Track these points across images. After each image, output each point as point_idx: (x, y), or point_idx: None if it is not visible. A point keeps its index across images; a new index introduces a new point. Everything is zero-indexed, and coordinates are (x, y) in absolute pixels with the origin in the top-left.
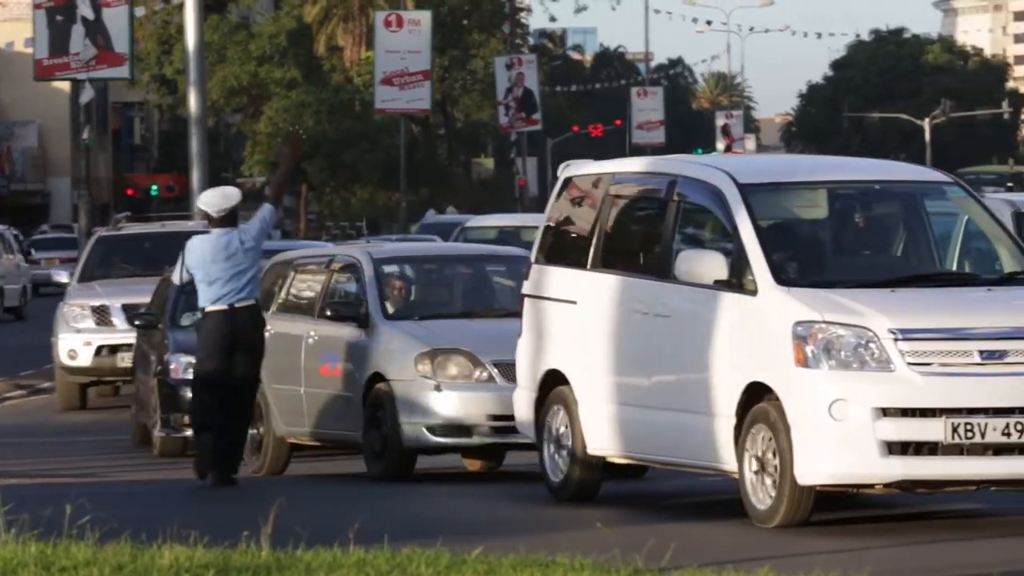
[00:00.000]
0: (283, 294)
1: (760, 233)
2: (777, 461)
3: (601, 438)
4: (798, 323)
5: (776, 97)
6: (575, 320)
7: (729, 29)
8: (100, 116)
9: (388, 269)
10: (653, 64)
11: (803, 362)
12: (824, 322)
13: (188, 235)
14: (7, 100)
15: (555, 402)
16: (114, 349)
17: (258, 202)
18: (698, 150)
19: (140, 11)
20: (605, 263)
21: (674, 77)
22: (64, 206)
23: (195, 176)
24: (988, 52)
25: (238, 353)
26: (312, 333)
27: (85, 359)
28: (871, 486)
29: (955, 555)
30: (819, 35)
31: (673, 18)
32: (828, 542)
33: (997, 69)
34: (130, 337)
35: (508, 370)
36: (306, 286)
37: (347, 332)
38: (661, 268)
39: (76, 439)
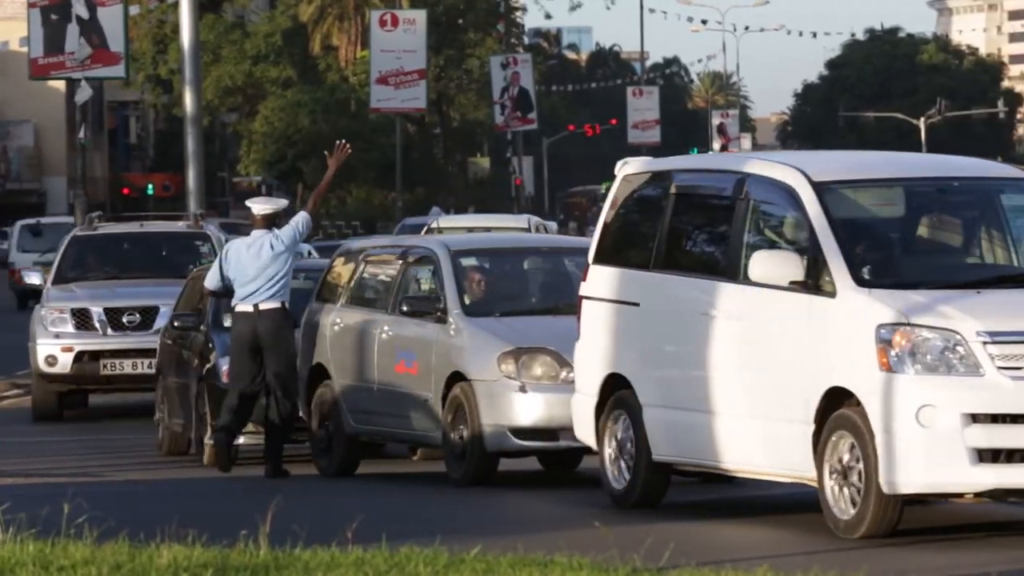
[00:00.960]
0: (352, 287)
1: (837, 232)
2: (861, 469)
3: (667, 444)
4: (881, 326)
5: (772, 96)
6: (637, 322)
7: (724, 28)
8: (95, 115)
9: (466, 262)
10: (648, 63)
11: (887, 366)
12: (909, 325)
13: (169, 235)
14: (2, 99)
15: (617, 407)
16: (96, 356)
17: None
18: (693, 150)
19: (135, 9)
20: (669, 263)
21: (669, 76)
22: (60, 205)
23: (191, 175)
24: (983, 51)
25: (264, 352)
26: (386, 328)
27: (64, 366)
28: (961, 495)
29: (955, 555)
30: (814, 34)
31: (668, 17)
32: (826, 542)
33: (992, 68)
34: (114, 343)
35: None
36: (377, 279)
37: (424, 328)
38: (730, 268)
39: (76, 439)
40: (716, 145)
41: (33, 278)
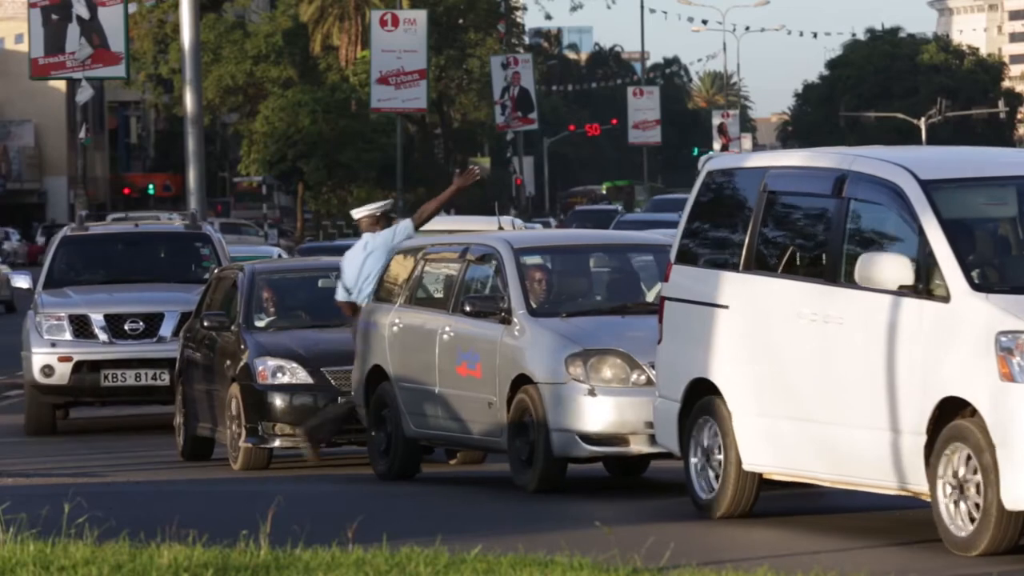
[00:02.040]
0: (412, 285)
1: (949, 233)
2: (979, 483)
3: (759, 453)
4: (1002, 333)
5: (772, 96)
6: (727, 326)
7: (725, 28)
8: (96, 115)
9: (530, 260)
10: (649, 63)
11: (1009, 376)
12: None
13: (166, 236)
14: (3, 99)
15: (703, 413)
16: (96, 366)
17: (255, 201)
18: (694, 150)
19: (134, 7)
20: (761, 265)
21: (670, 76)
22: (61, 205)
23: (191, 175)
24: (984, 51)
25: None
26: (447, 329)
27: (61, 377)
28: None
29: (955, 555)
30: (815, 34)
31: (669, 17)
32: (827, 542)
33: (993, 68)
34: (116, 352)
35: None
36: (438, 277)
37: (487, 329)
38: (829, 271)
39: (75, 438)
40: (717, 145)
41: (20, 281)
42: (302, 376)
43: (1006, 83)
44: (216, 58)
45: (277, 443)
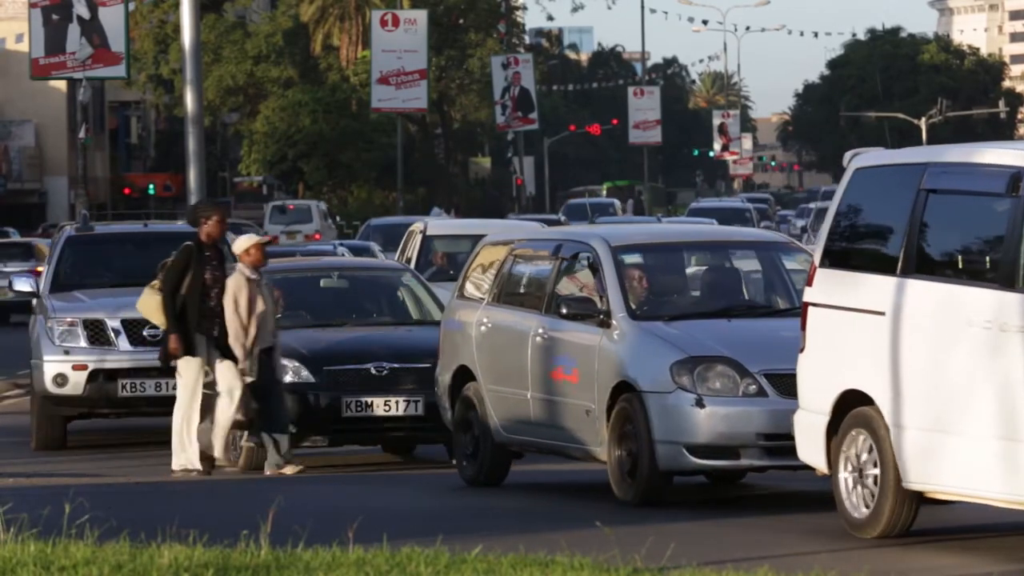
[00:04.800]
0: (499, 284)
1: None
2: None
3: (923, 470)
4: None
5: (773, 96)
6: (884, 334)
7: (725, 28)
8: (96, 115)
9: (629, 259)
10: (649, 63)
11: None
12: None
13: (177, 237)
14: (3, 99)
15: (855, 426)
16: (112, 375)
17: (256, 201)
18: (695, 151)
19: (135, 7)
20: (922, 268)
21: (670, 76)
22: (61, 206)
23: (192, 175)
24: (984, 51)
25: None
26: (541, 331)
27: (76, 386)
28: None
29: (955, 555)
30: (815, 34)
31: (669, 17)
32: (827, 542)
33: (993, 68)
34: (135, 360)
35: (780, 382)
36: (529, 276)
37: (584, 332)
38: (1005, 275)
39: (74, 438)
40: (717, 145)
41: (22, 284)
42: (305, 375)
43: (1007, 83)
44: (217, 58)
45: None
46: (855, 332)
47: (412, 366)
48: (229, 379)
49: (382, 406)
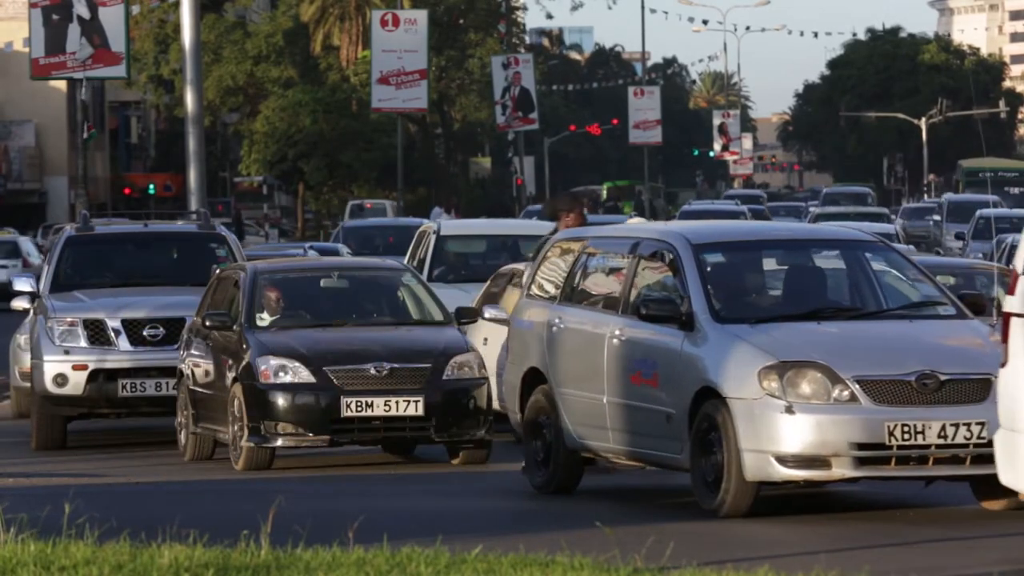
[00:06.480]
0: (573, 282)
1: None
2: None
3: None
4: None
5: (773, 96)
6: None
7: (725, 28)
8: (97, 115)
9: (711, 258)
10: (650, 63)
11: None
12: None
13: (179, 237)
14: (4, 99)
15: None
16: (113, 375)
17: (256, 201)
18: (695, 151)
19: (136, 8)
20: None
21: (671, 76)
22: (61, 206)
23: (192, 175)
24: (984, 51)
25: None
26: (618, 333)
27: (76, 386)
28: None
29: (955, 555)
30: (815, 34)
31: (669, 17)
32: (828, 541)
33: (993, 68)
34: (135, 360)
35: (874, 388)
36: (604, 275)
37: (665, 335)
38: None
39: (74, 439)
40: (717, 145)
41: (22, 284)
42: (304, 375)
43: (1007, 83)
44: (217, 58)
45: (279, 443)
46: None
47: (412, 366)
48: None
49: (382, 406)
